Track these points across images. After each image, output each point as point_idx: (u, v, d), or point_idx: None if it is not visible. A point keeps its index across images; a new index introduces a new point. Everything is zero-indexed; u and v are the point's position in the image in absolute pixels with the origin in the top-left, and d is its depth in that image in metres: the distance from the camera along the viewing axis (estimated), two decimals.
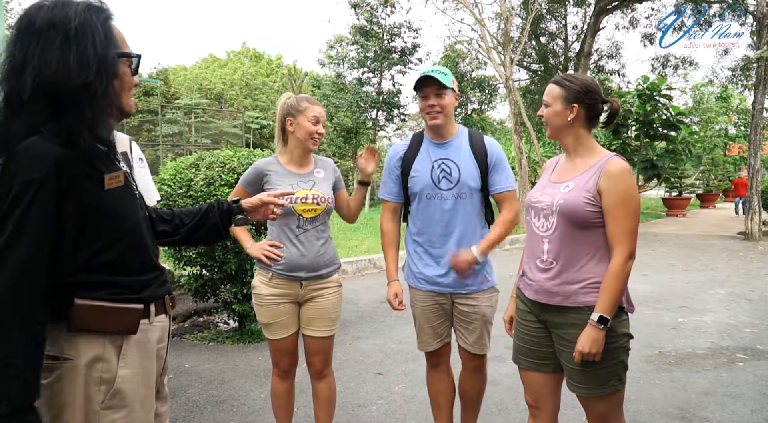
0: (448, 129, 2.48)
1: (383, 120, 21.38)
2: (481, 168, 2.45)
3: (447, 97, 2.41)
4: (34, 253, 1.15)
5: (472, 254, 2.37)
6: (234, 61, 40.12)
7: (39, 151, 1.16)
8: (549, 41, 19.63)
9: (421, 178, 2.47)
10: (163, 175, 4.44)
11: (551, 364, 2.06)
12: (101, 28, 1.24)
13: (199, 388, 3.58)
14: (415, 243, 2.55)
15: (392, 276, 2.60)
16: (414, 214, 2.54)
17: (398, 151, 2.59)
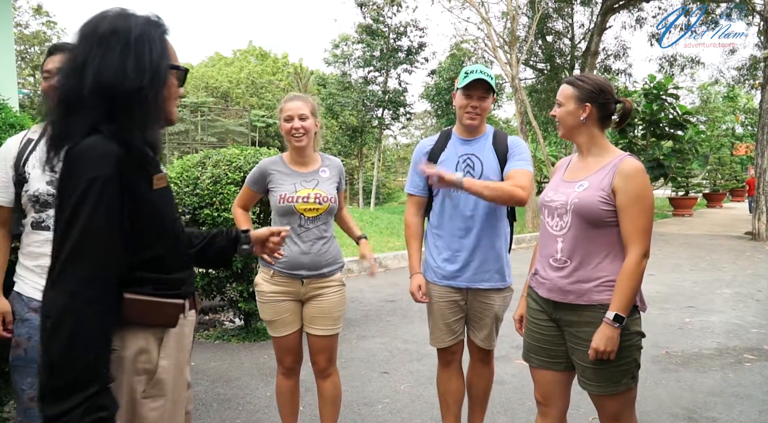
0: (479, 128, 2.53)
1: (389, 119, 21.40)
2: (501, 161, 2.48)
3: (488, 100, 2.46)
4: (107, 247, 1.20)
5: (458, 176, 2.20)
6: (240, 60, 40.19)
7: (104, 150, 1.22)
8: (556, 40, 19.56)
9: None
10: (170, 174, 4.46)
11: (562, 363, 2.06)
12: (158, 41, 1.34)
13: (205, 386, 3.59)
14: (436, 236, 2.58)
15: (415, 268, 2.61)
16: (437, 208, 2.57)
17: (425, 146, 2.62)
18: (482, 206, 2.46)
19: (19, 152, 2.00)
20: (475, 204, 2.46)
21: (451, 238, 2.51)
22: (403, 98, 20.50)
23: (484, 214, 2.47)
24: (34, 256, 1.98)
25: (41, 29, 24.90)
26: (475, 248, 2.48)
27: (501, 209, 2.52)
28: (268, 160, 2.62)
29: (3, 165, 2.01)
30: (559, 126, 2.05)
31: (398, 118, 21.46)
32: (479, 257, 2.48)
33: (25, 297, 1.99)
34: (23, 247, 2.02)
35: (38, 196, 1.96)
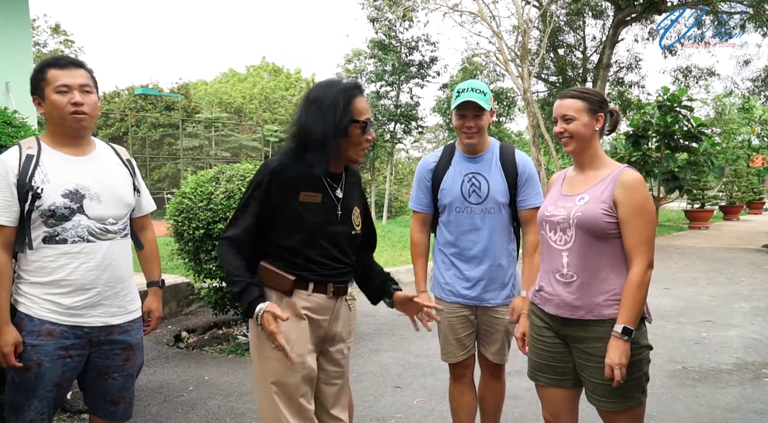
0: (481, 145, 2.51)
1: (401, 133, 21.46)
2: (509, 183, 2.46)
3: (484, 118, 2.43)
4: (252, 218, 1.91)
5: (522, 298, 2.39)
6: (253, 76, 40.67)
7: (266, 163, 1.94)
8: (567, 53, 19.60)
9: (451, 191, 2.50)
10: (184, 189, 4.52)
11: (570, 380, 2.05)
12: (342, 104, 1.84)
13: (218, 400, 3.60)
14: (443, 254, 2.57)
15: (421, 286, 2.61)
16: (443, 225, 2.57)
17: (429, 162, 2.61)
18: (487, 223, 2.46)
19: (22, 170, 1.90)
20: (480, 222, 2.46)
21: (458, 256, 2.52)
22: (415, 112, 20.55)
23: (489, 231, 2.46)
24: (47, 272, 1.90)
25: (59, 48, 25.43)
26: (482, 266, 2.48)
27: (506, 226, 2.52)
28: None
29: (5, 184, 1.88)
30: (570, 141, 2.02)
31: (410, 132, 21.49)
32: (486, 275, 2.48)
33: (36, 320, 1.90)
34: (27, 264, 1.92)
35: (54, 209, 1.89)
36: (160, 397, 3.62)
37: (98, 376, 2.03)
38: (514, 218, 2.55)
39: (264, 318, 1.78)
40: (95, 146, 2.09)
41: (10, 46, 5.73)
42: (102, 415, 2.10)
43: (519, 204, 2.50)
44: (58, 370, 1.91)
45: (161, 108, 26.21)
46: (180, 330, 5.18)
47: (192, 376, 4.01)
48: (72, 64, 1.99)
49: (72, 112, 1.92)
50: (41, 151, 1.96)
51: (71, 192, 1.92)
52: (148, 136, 22.75)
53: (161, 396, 3.65)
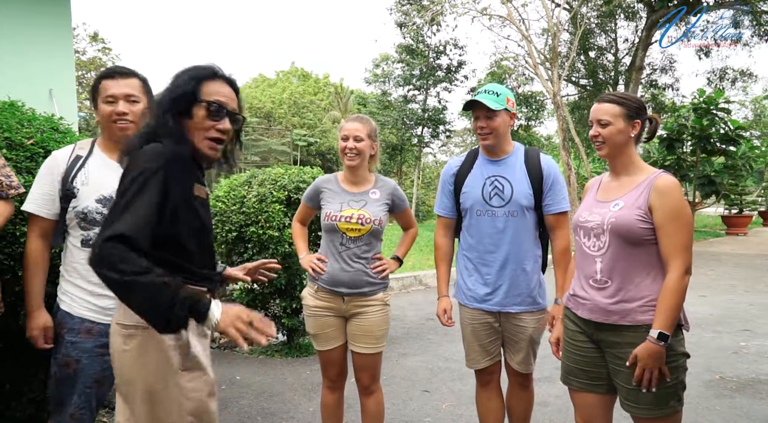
0: (502, 147, 2.48)
1: (428, 137, 21.47)
2: (534, 187, 2.42)
3: (498, 119, 2.40)
4: (147, 211, 1.43)
5: (559, 307, 2.35)
6: (283, 81, 41.23)
7: (156, 148, 1.53)
8: (598, 56, 19.30)
9: (471, 195, 2.48)
10: (218, 193, 4.62)
11: (604, 385, 2.03)
12: (188, 80, 1.63)
13: (250, 399, 3.66)
14: (466, 259, 2.56)
15: (442, 291, 2.62)
16: (465, 230, 2.56)
17: (452, 166, 2.61)
18: (510, 228, 2.42)
19: (68, 168, 2.03)
20: (503, 225, 2.43)
21: (480, 261, 2.49)
22: (442, 116, 20.56)
23: (512, 236, 2.43)
24: (82, 275, 1.98)
25: (97, 55, 26.21)
26: (504, 271, 2.44)
27: (530, 231, 2.47)
28: (323, 178, 2.70)
29: (50, 179, 2.02)
30: (602, 146, 2.01)
31: (438, 136, 21.50)
32: (509, 280, 2.44)
33: (76, 317, 1.99)
34: (67, 264, 2.03)
35: (87, 213, 1.98)
36: None
37: None
38: (540, 224, 2.51)
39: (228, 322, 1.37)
40: None
41: (53, 54, 5.95)
42: None
43: (545, 209, 2.46)
44: (96, 367, 1.99)
45: None
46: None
47: (224, 376, 4.08)
48: (122, 74, 2.08)
49: (115, 121, 2.03)
50: (91, 154, 2.07)
51: (105, 198, 2.01)
52: None
53: None
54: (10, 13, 5.46)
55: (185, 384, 1.55)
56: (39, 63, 5.76)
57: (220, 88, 1.66)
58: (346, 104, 33.37)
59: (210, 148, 1.64)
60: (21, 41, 5.62)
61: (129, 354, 1.54)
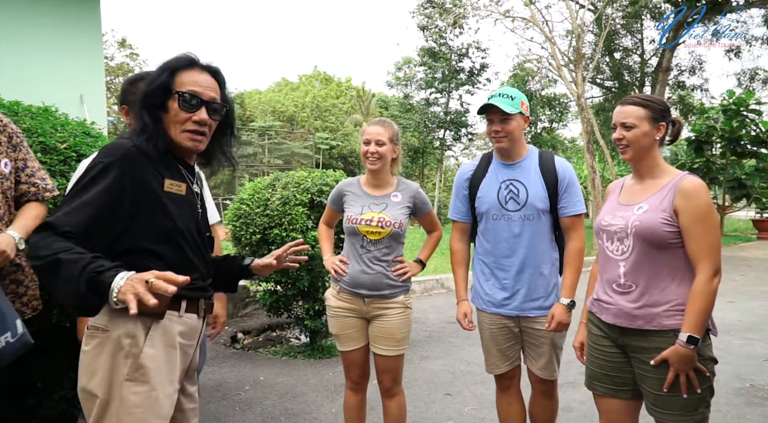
0: (516, 150, 2.47)
1: (450, 139, 21.40)
2: (549, 190, 2.41)
3: (513, 122, 2.40)
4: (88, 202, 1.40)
5: (563, 306, 2.35)
6: (305, 85, 41.54)
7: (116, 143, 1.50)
8: (624, 57, 19.03)
9: (487, 199, 2.48)
10: (242, 195, 4.68)
11: (629, 391, 2.00)
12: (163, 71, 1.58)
13: (273, 400, 3.70)
14: (482, 264, 2.55)
15: (461, 296, 2.61)
16: (481, 234, 2.55)
17: (466, 171, 2.61)
18: (527, 232, 2.41)
19: None
20: (519, 229, 2.41)
21: (497, 265, 2.48)
22: (464, 119, 20.48)
23: (529, 240, 2.41)
24: None
25: (125, 61, 26.78)
26: (522, 275, 2.43)
27: (547, 234, 2.45)
28: (346, 181, 2.73)
29: None
30: (627, 149, 1.99)
31: (460, 139, 21.42)
32: (527, 284, 2.43)
33: None
34: None
35: None
36: (219, 395, 3.76)
37: None
38: (556, 226, 2.49)
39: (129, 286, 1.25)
40: None
41: (84, 60, 6.11)
42: None
43: (560, 211, 2.44)
44: None
45: None
46: (236, 331, 5.35)
47: (248, 376, 4.13)
48: None
49: None
50: None
51: None
52: None
53: (220, 394, 3.79)
54: (43, 21, 5.64)
55: (127, 396, 1.41)
56: (71, 69, 5.92)
57: (196, 77, 1.57)
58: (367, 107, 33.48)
59: (190, 140, 1.56)
60: (54, 49, 5.79)
61: (86, 355, 1.47)
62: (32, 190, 2.03)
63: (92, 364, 1.45)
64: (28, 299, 2.03)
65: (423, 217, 2.72)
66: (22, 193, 2.01)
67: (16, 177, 2.00)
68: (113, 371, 1.43)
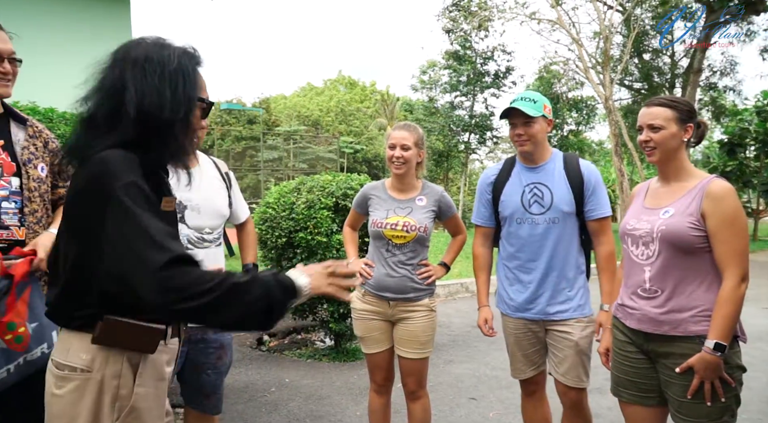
0: (539, 154, 2.45)
1: (475, 143, 21.31)
2: (575, 193, 2.38)
3: (536, 126, 2.38)
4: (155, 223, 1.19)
5: (606, 313, 2.31)
6: (330, 89, 41.87)
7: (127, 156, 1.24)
8: (654, 58, 18.69)
9: (510, 203, 2.47)
10: (268, 199, 4.74)
11: (655, 397, 1.97)
12: (192, 73, 1.34)
13: (299, 402, 3.74)
14: (506, 268, 2.54)
15: (483, 301, 2.61)
16: (504, 238, 2.54)
17: (489, 175, 2.60)
18: (552, 235, 2.38)
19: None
20: (544, 233, 2.39)
21: (521, 269, 2.46)
22: (489, 122, 20.37)
23: (553, 243, 2.39)
24: None
25: None
26: (545, 278, 2.40)
27: (572, 238, 2.42)
28: (371, 185, 2.76)
29: None
30: (654, 151, 1.96)
31: (485, 142, 21.32)
32: (550, 287, 2.40)
33: None
34: None
35: None
36: (245, 397, 3.81)
37: (194, 371, 2.20)
38: (582, 230, 2.46)
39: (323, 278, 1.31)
40: (199, 161, 2.28)
41: None
42: (196, 407, 2.27)
43: (587, 214, 2.41)
44: None
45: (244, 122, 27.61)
46: (262, 334, 5.41)
47: (274, 378, 4.18)
48: None
49: None
50: None
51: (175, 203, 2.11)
52: (231, 149, 23.99)
53: (246, 395, 3.84)
54: (73, 27, 5.79)
55: None
56: None
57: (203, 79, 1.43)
58: (392, 111, 33.55)
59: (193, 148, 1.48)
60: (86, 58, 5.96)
61: (60, 400, 1.27)
62: None
63: (69, 411, 1.26)
64: None
65: (448, 220, 2.72)
66: (59, 196, 2.09)
67: (53, 181, 2.08)
68: (98, 419, 1.26)
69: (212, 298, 1.13)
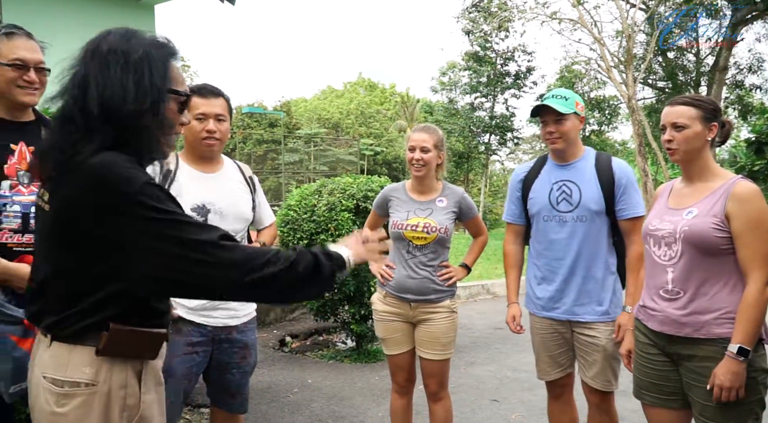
0: (571, 152, 2.44)
1: (496, 144, 21.20)
2: (605, 192, 2.35)
3: (567, 123, 2.37)
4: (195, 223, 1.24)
5: (628, 314, 2.28)
6: (350, 92, 42.04)
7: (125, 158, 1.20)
8: (678, 56, 18.37)
9: (538, 200, 2.46)
10: (290, 202, 4.79)
11: (678, 400, 1.95)
12: (160, 63, 1.26)
13: (321, 403, 3.77)
14: (535, 266, 2.53)
15: (512, 298, 2.60)
16: (533, 236, 2.53)
17: (520, 173, 2.60)
18: (579, 233, 2.36)
19: (161, 182, 2.15)
20: (571, 231, 2.37)
21: (548, 267, 2.44)
22: (510, 123, 20.26)
23: (581, 242, 2.36)
24: None
25: None
26: (573, 277, 2.37)
27: (602, 237, 2.38)
28: (391, 187, 2.77)
29: None
30: (677, 150, 1.93)
31: (505, 143, 21.19)
32: (577, 288, 2.37)
33: None
34: None
35: None
36: (269, 397, 3.86)
37: (219, 371, 2.24)
38: (614, 231, 2.43)
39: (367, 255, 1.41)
40: (223, 164, 2.32)
41: None
42: (222, 407, 2.31)
43: (618, 213, 2.37)
44: (186, 363, 2.13)
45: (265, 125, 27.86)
46: (284, 335, 5.46)
47: (296, 379, 4.22)
48: (212, 93, 2.21)
49: (204, 138, 2.17)
50: (178, 166, 2.21)
51: (199, 206, 2.15)
52: (253, 152, 24.24)
53: (269, 396, 3.88)
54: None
55: None
56: None
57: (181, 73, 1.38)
58: (412, 113, 33.54)
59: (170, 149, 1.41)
60: None
61: (64, 419, 1.21)
62: None
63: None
64: None
65: (468, 221, 2.72)
66: None
67: None
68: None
69: (277, 269, 1.19)
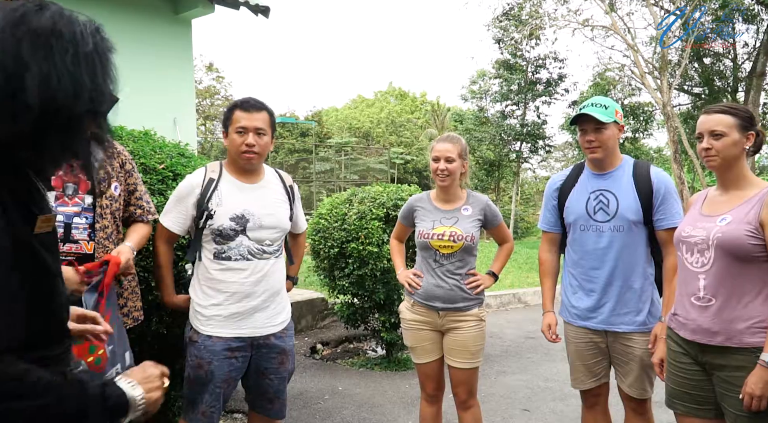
0: (609, 161, 2.42)
1: (527, 152, 20.98)
2: (643, 201, 2.32)
3: (607, 132, 2.35)
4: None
5: (662, 325, 2.24)
6: (381, 101, 42.25)
7: None
8: (714, 62, 17.91)
9: (574, 209, 2.45)
10: (321, 210, 4.87)
11: (711, 410, 1.92)
12: (111, 58, 1.05)
13: (351, 410, 3.80)
14: (570, 275, 2.52)
15: (547, 306, 2.60)
16: (569, 245, 2.53)
17: (556, 181, 2.60)
18: (616, 243, 2.34)
19: (203, 191, 2.24)
20: (609, 241, 2.35)
21: (584, 277, 2.43)
22: (542, 131, 20.03)
23: (618, 252, 2.34)
24: (215, 283, 2.22)
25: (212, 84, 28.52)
26: (610, 287, 2.36)
27: (640, 247, 2.35)
28: (416, 197, 2.80)
29: (184, 206, 2.24)
30: (715, 158, 1.92)
31: (537, 151, 20.94)
32: (614, 297, 2.35)
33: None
34: (200, 274, 2.26)
35: (222, 230, 2.20)
36: (300, 403, 3.91)
37: (258, 376, 2.30)
38: (653, 240, 2.40)
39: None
40: (264, 175, 2.39)
41: (176, 85, 6.60)
42: (261, 412, 2.37)
43: (656, 223, 2.34)
44: (225, 368, 2.20)
45: (297, 134, 28.27)
46: (315, 342, 5.52)
47: (327, 386, 4.26)
48: (255, 107, 2.27)
49: (243, 152, 2.24)
50: (221, 176, 2.30)
51: (238, 216, 2.23)
52: (285, 161, 24.61)
53: (301, 402, 3.94)
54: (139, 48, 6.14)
55: None
56: (165, 95, 6.41)
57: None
58: (442, 122, 33.52)
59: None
60: (151, 77, 6.31)
61: None
62: (138, 212, 2.25)
63: None
64: (129, 310, 2.23)
65: (494, 229, 2.73)
66: (129, 214, 2.24)
67: (126, 199, 2.23)
68: None
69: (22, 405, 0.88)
